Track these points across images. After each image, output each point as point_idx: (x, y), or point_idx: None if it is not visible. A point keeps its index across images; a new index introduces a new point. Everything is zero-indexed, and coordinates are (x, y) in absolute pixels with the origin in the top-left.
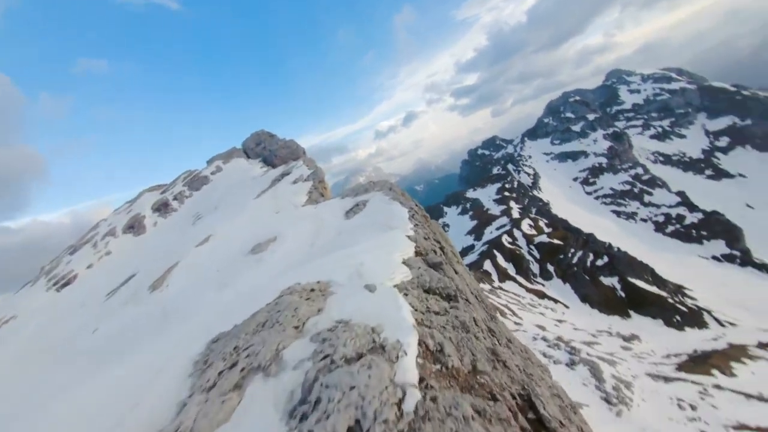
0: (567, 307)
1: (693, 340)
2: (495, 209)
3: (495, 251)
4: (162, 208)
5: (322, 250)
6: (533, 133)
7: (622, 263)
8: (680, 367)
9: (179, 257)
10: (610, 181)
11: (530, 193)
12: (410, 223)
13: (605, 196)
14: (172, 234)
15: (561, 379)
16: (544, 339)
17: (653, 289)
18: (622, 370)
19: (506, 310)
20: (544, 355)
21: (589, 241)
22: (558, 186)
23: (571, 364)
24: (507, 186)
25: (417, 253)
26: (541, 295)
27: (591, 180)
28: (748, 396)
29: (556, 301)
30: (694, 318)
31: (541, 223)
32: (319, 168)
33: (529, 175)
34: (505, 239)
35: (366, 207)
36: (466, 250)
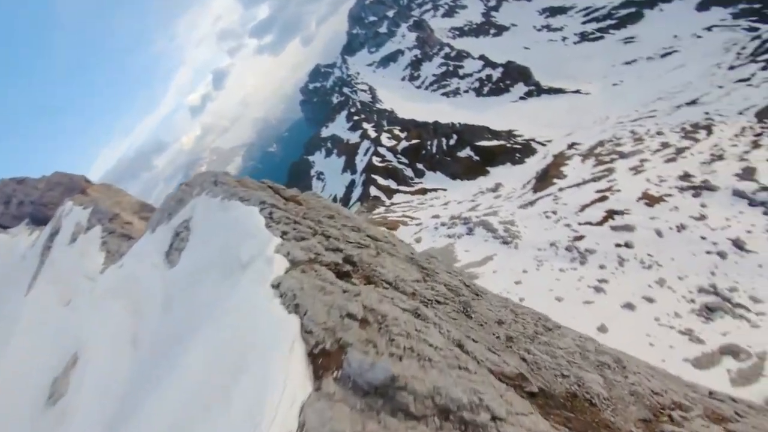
0: (445, 190)
1: (532, 166)
2: (353, 137)
3: (372, 175)
4: None
5: (152, 354)
6: (350, 49)
7: (466, 134)
8: (534, 189)
9: None
10: (429, 69)
11: (375, 108)
12: (272, 230)
13: (431, 83)
14: None
15: (469, 246)
16: (443, 224)
17: (494, 143)
18: (503, 214)
19: (406, 218)
20: (448, 236)
21: (437, 129)
22: (393, 91)
23: (470, 232)
24: (353, 110)
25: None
26: (424, 192)
27: (415, 74)
28: (579, 185)
29: (435, 190)
30: (527, 150)
31: (396, 131)
32: (103, 197)
33: (365, 91)
34: (375, 160)
35: (192, 232)
36: (350, 187)
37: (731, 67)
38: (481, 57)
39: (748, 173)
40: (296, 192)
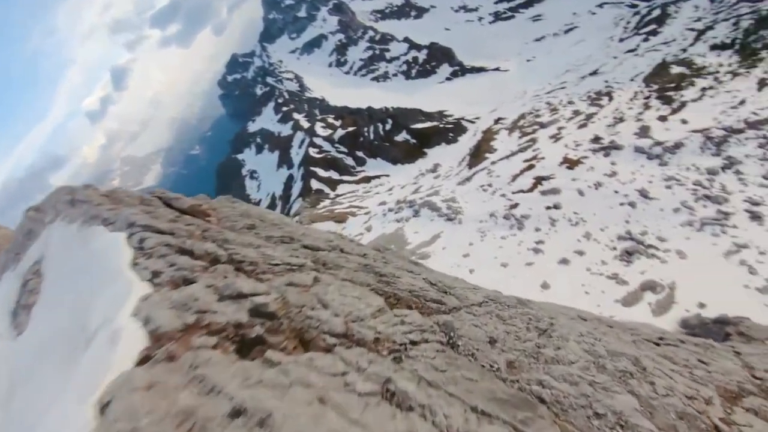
0: (388, 175)
1: (465, 143)
2: (285, 129)
3: (311, 168)
4: None
5: None
6: (268, 36)
7: (400, 118)
8: (469, 165)
9: None
10: (356, 54)
11: (304, 97)
12: (139, 270)
13: (360, 68)
14: None
15: (417, 228)
16: (390, 210)
17: (428, 124)
18: (444, 193)
19: (353, 209)
20: (396, 220)
21: (372, 114)
22: (321, 78)
23: (416, 213)
24: (280, 101)
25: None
26: (368, 180)
27: (342, 59)
28: (508, 157)
29: (379, 176)
30: (459, 129)
31: (331, 120)
32: None
33: (291, 80)
34: (312, 152)
35: (45, 278)
36: (289, 183)
37: (621, 40)
38: (406, 39)
39: (644, 131)
40: (203, 200)
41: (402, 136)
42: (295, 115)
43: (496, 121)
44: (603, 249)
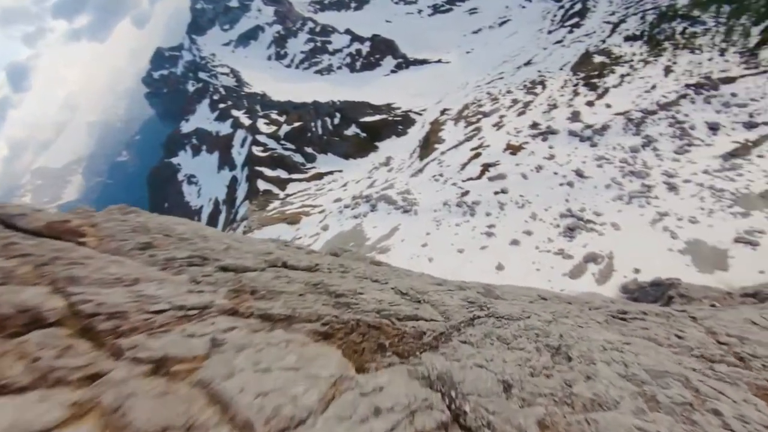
0: (341, 171)
1: (414, 135)
2: (224, 128)
3: (256, 168)
4: None
5: None
6: (197, 28)
7: (348, 111)
8: (420, 157)
9: None
10: (296, 46)
11: (243, 93)
12: None
13: (301, 61)
14: None
15: (376, 222)
16: (346, 206)
17: (377, 117)
18: (399, 186)
19: (307, 208)
20: (354, 216)
21: (318, 109)
22: (260, 72)
23: (374, 208)
24: (216, 98)
25: None
26: (320, 176)
27: (281, 52)
28: (456, 146)
29: (331, 173)
30: (407, 121)
31: (274, 116)
32: None
33: (227, 75)
34: (256, 151)
35: None
36: (232, 186)
37: (549, 32)
38: (348, 31)
39: (575, 116)
40: (78, 213)
41: (352, 130)
42: (234, 112)
43: (442, 112)
44: (548, 227)
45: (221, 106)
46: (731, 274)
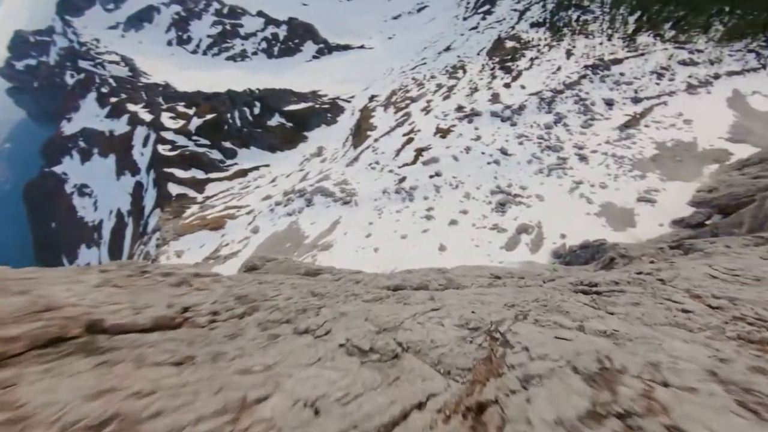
0: (268, 166)
1: (345, 123)
2: (118, 126)
3: (164, 169)
4: None
5: None
6: (71, 7)
7: (270, 100)
8: (354, 145)
9: None
10: (201, 30)
11: (139, 84)
12: None
13: (209, 47)
14: None
15: (313, 218)
16: (278, 203)
17: (302, 105)
18: (334, 176)
19: (231, 211)
20: (287, 214)
21: (234, 98)
22: (160, 59)
23: (309, 203)
24: (104, 91)
25: None
26: (243, 173)
27: (184, 36)
28: (389, 132)
29: (257, 168)
30: (335, 109)
31: (181, 108)
32: None
33: (117, 63)
34: (162, 149)
35: None
36: (137, 193)
37: (465, 18)
38: (261, 14)
39: (495, 98)
40: None
41: (276, 120)
42: (131, 107)
43: (371, 99)
44: (481, 205)
45: (113, 100)
46: (638, 229)
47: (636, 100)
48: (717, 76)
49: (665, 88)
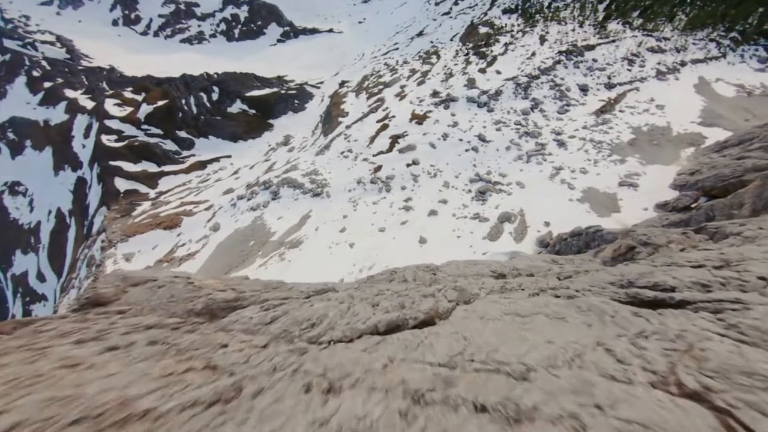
0: (229, 156)
1: (314, 110)
2: (54, 115)
3: (110, 163)
4: None
5: None
6: None
7: (231, 85)
8: (324, 132)
9: None
10: (152, 9)
11: (79, 67)
12: None
13: (161, 27)
14: None
15: (281, 212)
16: (240, 197)
17: (266, 91)
18: (303, 166)
19: (188, 207)
20: (251, 209)
21: (188, 82)
22: (104, 40)
23: (276, 196)
24: (37, 75)
25: None
26: (201, 165)
27: (132, 16)
28: (361, 119)
29: (217, 159)
30: (303, 94)
31: (128, 95)
32: None
33: (53, 44)
34: (107, 140)
35: None
36: (80, 191)
37: (437, 3)
38: None
39: (471, 83)
40: None
41: (237, 107)
42: (69, 93)
43: (341, 85)
44: (461, 194)
45: (47, 85)
46: (623, 214)
47: (609, 86)
48: (683, 64)
49: (636, 74)
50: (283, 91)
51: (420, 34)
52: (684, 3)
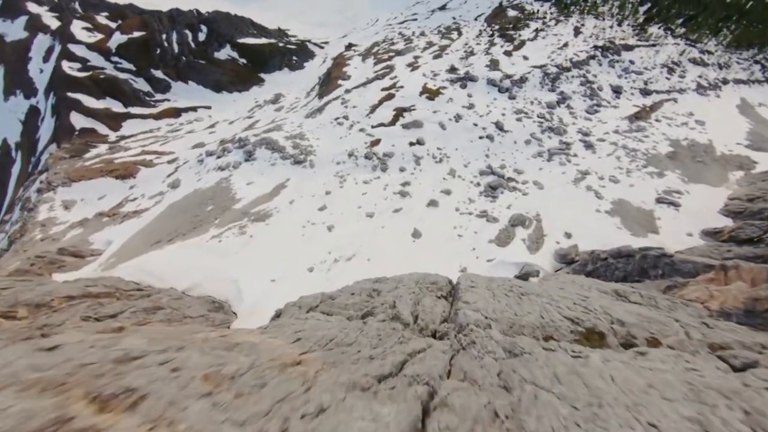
0: (209, 107)
1: (313, 71)
2: (12, 30)
3: (69, 94)
4: None
5: None
6: None
7: (223, 26)
8: (320, 95)
9: None
10: None
11: None
12: None
13: None
14: None
15: (252, 177)
16: (210, 153)
17: (263, 41)
18: (289, 128)
19: (149, 156)
20: (219, 168)
21: (174, 16)
22: None
23: (250, 156)
24: None
25: None
26: (176, 113)
27: None
28: (365, 84)
29: (195, 109)
30: (304, 52)
31: (102, 19)
32: None
33: None
34: (68, 67)
35: None
36: (30, 122)
37: None
38: None
39: (494, 65)
40: None
41: (226, 53)
42: (32, 6)
43: (348, 47)
44: (468, 186)
45: None
46: (662, 237)
47: (645, 92)
48: (725, 81)
49: (675, 84)
50: (281, 44)
51: (443, 8)
52: (730, 19)
